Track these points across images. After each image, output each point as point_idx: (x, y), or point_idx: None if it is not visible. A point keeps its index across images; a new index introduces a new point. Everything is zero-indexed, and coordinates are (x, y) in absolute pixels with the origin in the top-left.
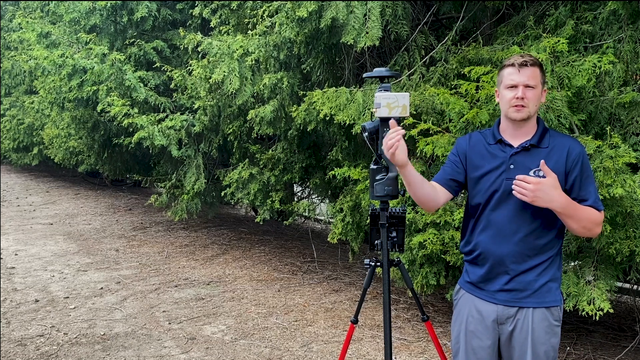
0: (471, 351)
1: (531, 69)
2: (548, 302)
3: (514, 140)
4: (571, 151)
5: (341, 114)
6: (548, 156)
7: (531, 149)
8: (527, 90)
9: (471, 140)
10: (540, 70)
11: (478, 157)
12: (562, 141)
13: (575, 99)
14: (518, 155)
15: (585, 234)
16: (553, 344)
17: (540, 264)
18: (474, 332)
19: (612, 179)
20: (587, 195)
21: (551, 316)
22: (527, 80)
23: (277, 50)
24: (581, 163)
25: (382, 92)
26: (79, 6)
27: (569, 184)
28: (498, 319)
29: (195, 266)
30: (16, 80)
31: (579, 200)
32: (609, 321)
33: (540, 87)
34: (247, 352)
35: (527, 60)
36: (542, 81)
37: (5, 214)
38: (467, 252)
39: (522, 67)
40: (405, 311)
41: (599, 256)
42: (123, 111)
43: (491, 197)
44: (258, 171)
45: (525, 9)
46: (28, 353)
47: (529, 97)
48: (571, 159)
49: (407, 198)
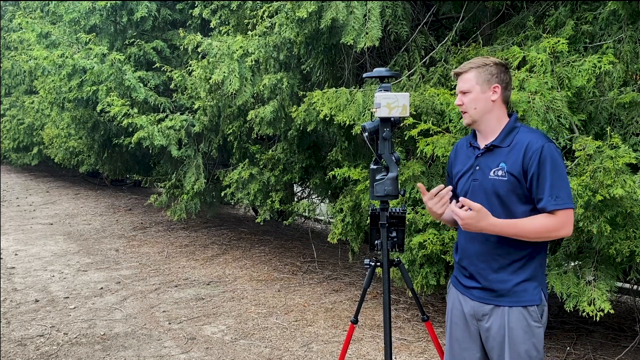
0: (456, 342)
1: (463, 75)
2: (525, 301)
3: (482, 143)
4: (529, 148)
5: (341, 115)
6: (508, 155)
7: (493, 149)
8: (463, 96)
9: (457, 148)
10: (478, 72)
11: (458, 162)
12: (524, 138)
13: (575, 99)
14: (483, 156)
15: (547, 239)
16: (534, 344)
17: (512, 262)
18: (457, 324)
19: (612, 179)
20: (541, 195)
21: (529, 316)
22: (461, 87)
23: (277, 50)
24: (538, 160)
25: (382, 92)
26: (78, 6)
27: (528, 182)
28: (475, 314)
29: (195, 266)
30: (16, 80)
31: (537, 200)
32: (609, 321)
33: (477, 88)
34: (247, 352)
35: (459, 70)
36: (480, 81)
37: (5, 214)
38: (456, 254)
39: (457, 77)
40: (405, 311)
41: (599, 256)
42: (123, 111)
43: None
44: (258, 171)
45: (525, 9)
46: (28, 353)
47: (465, 102)
48: (527, 156)
49: (407, 198)
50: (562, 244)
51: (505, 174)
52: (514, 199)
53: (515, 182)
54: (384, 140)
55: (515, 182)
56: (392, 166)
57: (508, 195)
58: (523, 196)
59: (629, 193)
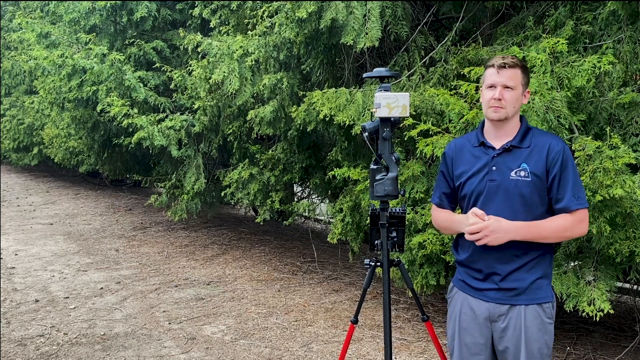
0: (465, 348)
1: (510, 70)
2: (540, 298)
3: (496, 141)
4: (551, 149)
5: (341, 115)
6: (529, 156)
7: (512, 149)
8: (505, 91)
9: (456, 147)
10: (523, 72)
11: (463, 162)
12: (544, 140)
13: (575, 100)
14: (500, 156)
15: (565, 239)
16: (546, 341)
17: (529, 262)
18: (467, 329)
19: (612, 179)
20: (562, 195)
21: (543, 313)
22: (506, 81)
23: (277, 50)
24: (560, 161)
25: (382, 92)
26: (78, 6)
27: (549, 183)
28: (490, 316)
29: (195, 266)
30: (16, 80)
31: (555, 200)
32: (609, 321)
33: (520, 88)
34: (247, 352)
35: (507, 62)
36: (523, 82)
37: (5, 214)
38: (458, 254)
39: (500, 68)
40: (405, 311)
41: (599, 256)
42: (123, 111)
43: (476, 199)
44: (258, 171)
45: (525, 9)
46: (28, 353)
47: (507, 99)
48: (550, 157)
49: (407, 198)
50: (562, 244)
51: (528, 174)
52: (536, 199)
53: (539, 182)
54: (384, 141)
55: (538, 182)
56: (392, 166)
57: (532, 196)
58: (543, 196)
59: (629, 193)
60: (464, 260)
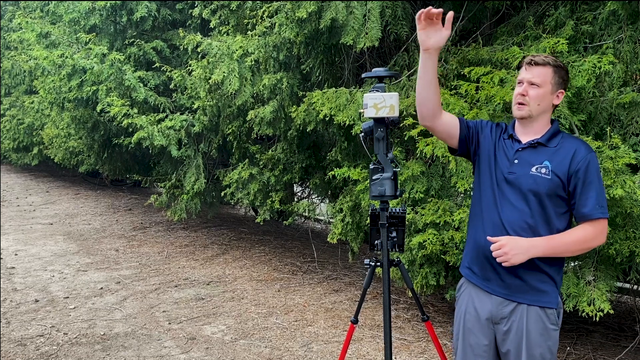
0: (469, 348)
1: (539, 68)
2: (544, 302)
3: (524, 138)
4: (577, 153)
5: (341, 115)
6: (553, 155)
7: (538, 146)
8: (530, 87)
9: (495, 126)
10: (555, 71)
11: (492, 143)
12: (572, 143)
13: (575, 100)
14: (524, 151)
15: (584, 251)
16: (550, 347)
17: (538, 261)
18: (471, 330)
19: (612, 179)
20: (586, 201)
21: (547, 319)
22: (532, 78)
23: (277, 50)
24: (585, 167)
25: (371, 93)
26: (78, 6)
27: (571, 187)
28: (492, 318)
29: (195, 266)
30: (16, 80)
31: (578, 206)
32: (609, 321)
33: (548, 87)
34: (247, 352)
35: (537, 59)
36: (553, 82)
37: (5, 214)
38: (467, 243)
39: (529, 65)
40: (405, 311)
41: (599, 257)
42: (123, 111)
43: (492, 190)
44: (258, 171)
45: (525, 9)
46: (28, 353)
47: (531, 95)
48: (576, 160)
49: (407, 198)
50: None
51: (549, 172)
52: (554, 200)
53: (559, 182)
54: (378, 141)
55: (558, 183)
56: (387, 166)
57: (549, 195)
58: (562, 199)
59: (629, 193)
60: (471, 248)
